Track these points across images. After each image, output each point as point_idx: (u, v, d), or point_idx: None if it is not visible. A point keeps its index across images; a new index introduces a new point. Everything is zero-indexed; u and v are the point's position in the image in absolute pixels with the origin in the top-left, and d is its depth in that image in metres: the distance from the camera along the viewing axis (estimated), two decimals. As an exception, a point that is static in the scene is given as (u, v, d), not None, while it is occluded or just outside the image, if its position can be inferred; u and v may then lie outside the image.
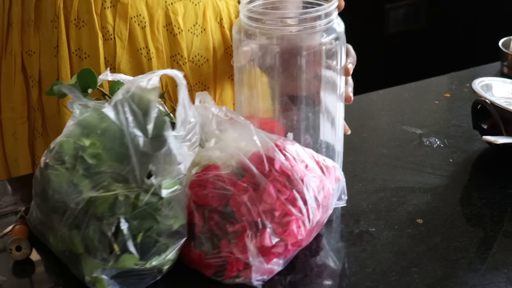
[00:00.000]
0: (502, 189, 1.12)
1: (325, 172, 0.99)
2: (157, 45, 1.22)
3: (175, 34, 1.23)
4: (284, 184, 0.93)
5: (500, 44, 1.55)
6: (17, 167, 1.29)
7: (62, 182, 0.92)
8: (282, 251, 0.92)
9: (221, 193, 0.92)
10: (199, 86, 1.28)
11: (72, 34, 1.20)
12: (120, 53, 1.20)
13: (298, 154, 0.97)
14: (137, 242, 0.89)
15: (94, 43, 1.19)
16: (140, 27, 1.20)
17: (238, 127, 0.97)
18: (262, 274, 0.91)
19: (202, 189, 0.93)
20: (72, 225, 0.91)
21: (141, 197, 0.89)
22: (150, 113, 0.91)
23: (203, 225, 0.92)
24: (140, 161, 0.90)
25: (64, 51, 1.20)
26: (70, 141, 0.94)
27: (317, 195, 0.95)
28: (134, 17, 1.20)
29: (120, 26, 1.19)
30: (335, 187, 1.00)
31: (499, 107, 1.19)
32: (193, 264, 0.94)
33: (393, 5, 2.94)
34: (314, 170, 0.97)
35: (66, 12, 1.19)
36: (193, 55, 1.25)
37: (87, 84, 0.99)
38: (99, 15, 1.19)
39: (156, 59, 1.22)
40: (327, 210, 0.98)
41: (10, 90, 1.26)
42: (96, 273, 0.89)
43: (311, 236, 0.97)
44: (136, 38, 1.21)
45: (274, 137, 0.99)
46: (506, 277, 0.93)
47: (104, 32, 1.19)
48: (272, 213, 0.92)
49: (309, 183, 0.94)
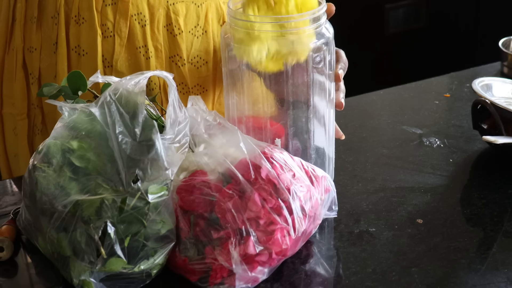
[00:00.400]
0: (502, 189, 1.12)
1: (314, 182, 0.98)
2: (157, 45, 1.22)
3: (175, 34, 1.22)
4: (270, 192, 0.93)
5: (500, 44, 1.55)
6: (17, 163, 1.29)
7: (50, 184, 0.92)
8: (266, 259, 0.91)
9: (207, 199, 0.92)
10: (197, 89, 1.27)
11: (72, 31, 1.20)
12: (118, 51, 1.20)
13: (286, 163, 0.96)
14: (124, 246, 0.89)
15: (92, 40, 1.19)
16: (140, 25, 1.20)
17: (226, 133, 0.97)
18: (246, 282, 0.91)
19: (189, 194, 0.93)
20: (60, 228, 0.91)
21: (128, 201, 0.89)
22: (138, 116, 0.91)
23: (189, 231, 0.92)
24: (127, 165, 0.90)
25: (62, 48, 1.20)
26: (57, 143, 0.94)
27: (304, 205, 0.95)
28: (134, 15, 1.20)
29: (120, 23, 1.19)
30: (324, 198, 0.99)
31: (499, 107, 1.19)
32: (178, 270, 0.94)
33: (393, 5, 2.94)
34: (302, 180, 0.96)
35: (67, 9, 1.19)
36: (192, 57, 1.25)
37: (77, 87, 0.99)
38: (99, 12, 1.19)
39: (155, 58, 1.22)
40: (314, 220, 0.97)
41: (11, 85, 1.27)
42: (84, 276, 0.89)
43: (297, 245, 0.96)
44: (136, 36, 1.20)
45: (262, 145, 0.98)
46: (506, 277, 0.93)
47: (103, 29, 1.19)
48: (257, 221, 0.91)
49: (295, 193, 0.94)
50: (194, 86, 1.27)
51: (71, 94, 0.99)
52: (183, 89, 1.25)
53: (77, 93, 0.99)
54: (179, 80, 1.25)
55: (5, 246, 0.98)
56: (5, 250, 0.98)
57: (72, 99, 0.98)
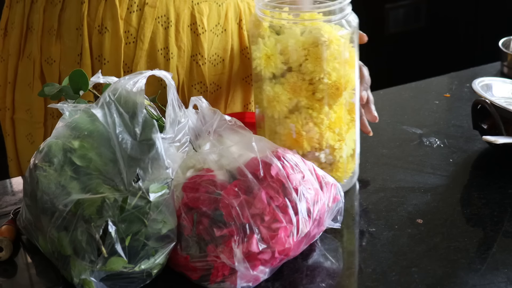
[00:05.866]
0: (502, 189, 1.12)
1: (323, 187, 0.98)
2: (180, 44, 1.22)
3: (198, 33, 1.23)
4: (278, 191, 0.93)
5: (500, 44, 1.55)
6: None
7: (51, 184, 0.92)
8: (269, 258, 0.91)
9: (212, 196, 0.92)
10: (213, 87, 1.27)
11: (95, 40, 1.20)
12: (138, 55, 1.20)
13: (297, 164, 0.97)
14: (125, 245, 0.89)
15: (115, 48, 1.20)
16: (163, 27, 1.20)
17: (237, 133, 0.97)
18: (248, 281, 0.91)
19: (194, 191, 0.93)
20: (61, 227, 0.91)
21: (129, 200, 0.89)
22: (138, 116, 0.91)
23: (192, 228, 0.92)
24: (128, 164, 0.90)
25: (87, 59, 1.20)
26: (59, 142, 0.94)
27: (310, 207, 0.94)
28: (158, 18, 1.20)
29: (144, 28, 1.19)
30: (331, 205, 0.99)
31: (499, 107, 1.19)
32: (179, 267, 0.94)
33: (393, 5, 2.94)
34: (311, 182, 0.96)
35: (89, 20, 1.19)
36: (211, 55, 1.26)
37: (79, 86, 0.99)
38: (123, 20, 1.19)
39: (177, 58, 1.22)
40: (319, 224, 0.97)
41: (26, 93, 1.27)
42: (85, 275, 0.89)
43: (300, 247, 0.96)
44: (158, 39, 1.21)
45: (275, 146, 0.99)
46: (506, 277, 0.93)
47: (126, 36, 1.19)
48: (261, 217, 0.91)
49: (303, 193, 0.94)
50: (210, 84, 1.27)
51: (72, 93, 0.98)
52: (201, 88, 1.26)
53: (79, 93, 0.99)
54: (198, 79, 1.25)
55: (4, 246, 0.98)
56: (4, 250, 0.98)
57: (73, 98, 0.98)
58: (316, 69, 1.02)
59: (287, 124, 1.06)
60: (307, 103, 1.05)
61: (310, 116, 1.05)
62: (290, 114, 1.06)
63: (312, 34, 1.02)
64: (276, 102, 1.05)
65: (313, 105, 1.05)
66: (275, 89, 1.05)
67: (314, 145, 1.06)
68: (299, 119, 1.05)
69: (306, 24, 1.03)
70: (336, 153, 1.08)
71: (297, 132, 1.06)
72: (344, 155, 1.09)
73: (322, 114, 1.05)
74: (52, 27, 1.21)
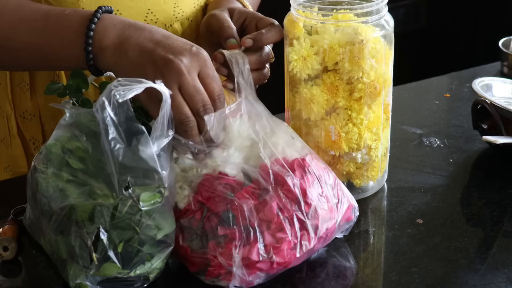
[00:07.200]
0: (502, 189, 1.12)
1: (339, 206, 0.96)
2: None
3: None
4: (290, 203, 0.92)
5: (500, 44, 1.55)
6: None
7: (49, 186, 0.92)
8: (267, 268, 0.91)
9: (224, 197, 0.91)
10: None
11: None
12: None
13: (320, 178, 0.95)
14: (118, 252, 0.87)
15: None
16: None
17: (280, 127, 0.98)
18: (241, 282, 0.91)
19: (207, 189, 0.92)
20: (58, 230, 0.90)
21: (119, 208, 0.87)
22: (129, 122, 0.88)
23: (198, 221, 0.92)
24: (119, 171, 0.87)
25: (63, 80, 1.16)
26: (58, 145, 0.93)
27: (320, 224, 0.93)
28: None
29: None
30: (342, 224, 0.98)
31: (499, 107, 1.19)
32: (179, 257, 0.94)
33: (393, 5, 2.93)
34: (328, 199, 0.95)
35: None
36: None
37: (80, 85, 0.98)
38: None
39: None
40: (325, 241, 0.96)
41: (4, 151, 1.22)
42: (80, 279, 0.88)
43: (300, 260, 0.95)
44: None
45: (308, 149, 0.98)
46: (506, 277, 0.93)
47: None
48: (268, 225, 0.91)
49: (315, 210, 0.93)
50: None
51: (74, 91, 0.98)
52: None
53: (81, 91, 0.98)
54: None
55: (11, 247, 0.98)
56: (9, 250, 0.98)
57: (76, 97, 0.98)
58: (353, 68, 1.01)
59: (324, 126, 1.05)
60: (345, 104, 1.03)
61: (349, 117, 1.04)
62: (327, 115, 1.05)
63: (348, 33, 1.01)
64: (313, 104, 1.04)
65: (351, 105, 1.04)
66: (312, 91, 1.04)
67: (353, 146, 1.05)
68: (338, 121, 1.04)
69: (342, 25, 1.01)
70: (372, 152, 1.07)
71: (336, 134, 1.05)
72: (379, 154, 1.09)
73: (361, 115, 1.04)
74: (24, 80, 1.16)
